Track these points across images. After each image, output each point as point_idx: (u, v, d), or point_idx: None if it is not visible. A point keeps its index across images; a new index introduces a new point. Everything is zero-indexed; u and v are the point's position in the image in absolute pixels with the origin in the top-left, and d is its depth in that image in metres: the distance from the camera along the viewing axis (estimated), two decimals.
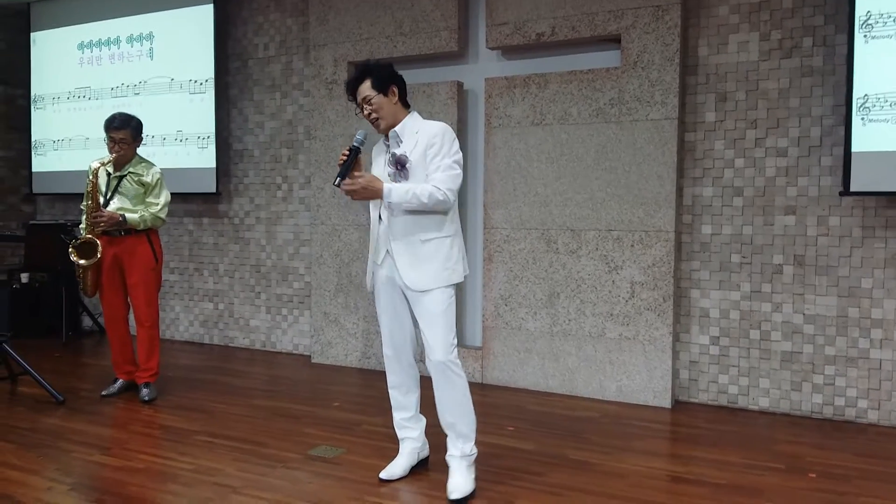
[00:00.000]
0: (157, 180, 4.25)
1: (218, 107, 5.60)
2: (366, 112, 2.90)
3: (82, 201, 4.27)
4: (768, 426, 3.88)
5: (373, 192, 2.79)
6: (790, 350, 4.03)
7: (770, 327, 4.07)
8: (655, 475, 3.17)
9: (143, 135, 4.31)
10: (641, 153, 4.17)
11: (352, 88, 2.93)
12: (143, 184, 4.20)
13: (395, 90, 2.91)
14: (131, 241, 4.20)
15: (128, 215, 4.15)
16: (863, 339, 3.87)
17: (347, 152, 2.76)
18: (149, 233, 4.25)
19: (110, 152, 4.17)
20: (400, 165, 2.86)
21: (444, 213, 2.89)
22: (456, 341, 2.93)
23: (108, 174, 4.24)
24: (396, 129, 2.91)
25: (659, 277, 4.16)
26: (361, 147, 2.79)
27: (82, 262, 4.15)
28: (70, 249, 4.16)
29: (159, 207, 4.25)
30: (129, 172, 4.21)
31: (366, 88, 2.88)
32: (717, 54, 4.12)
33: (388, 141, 2.96)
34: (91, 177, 4.14)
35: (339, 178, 2.74)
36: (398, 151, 2.88)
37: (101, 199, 4.19)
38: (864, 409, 3.88)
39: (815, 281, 3.96)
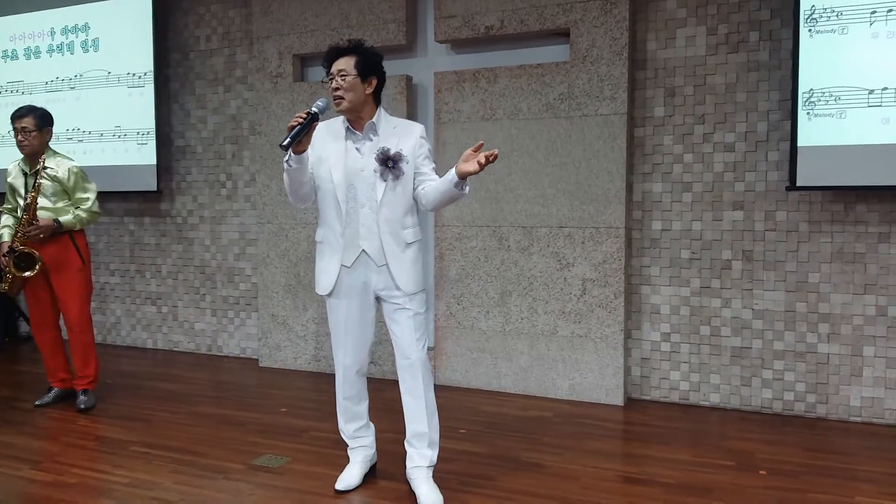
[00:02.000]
0: (74, 175, 4.00)
1: (158, 101, 5.39)
2: (334, 85, 2.71)
3: (3, 204, 4.05)
4: (719, 422, 3.88)
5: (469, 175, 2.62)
6: (740, 345, 4.04)
7: (720, 323, 4.07)
8: (608, 476, 3.13)
9: (51, 125, 4.07)
10: (591, 149, 4.12)
11: (333, 56, 2.75)
12: (57, 180, 3.97)
13: (374, 82, 2.77)
14: (53, 243, 3.97)
15: (61, 218, 3.95)
16: (810, 333, 3.90)
17: (304, 116, 2.56)
18: (71, 232, 4.03)
19: (17, 145, 3.97)
20: (393, 163, 2.73)
21: (415, 216, 2.87)
22: None
23: (25, 173, 4.03)
24: (374, 120, 2.78)
25: (610, 274, 4.13)
26: (320, 116, 2.62)
27: (26, 274, 3.93)
28: (8, 263, 3.94)
29: (90, 202, 4.04)
30: (44, 168, 3.98)
31: (347, 63, 2.71)
32: (664, 49, 4.09)
33: (354, 129, 2.79)
34: (27, 186, 3.93)
35: (288, 140, 2.52)
36: (390, 148, 2.74)
37: (20, 201, 3.99)
38: (813, 403, 3.91)
39: (763, 276, 3.97)
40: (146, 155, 5.42)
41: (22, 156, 4.06)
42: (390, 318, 2.86)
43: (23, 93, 5.91)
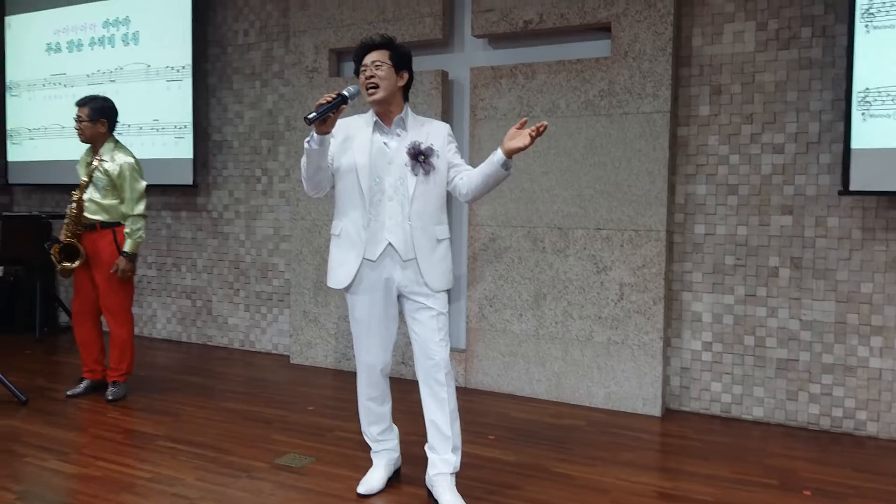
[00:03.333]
0: (122, 172, 4.00)
1: (196, 95, 5.40)
2: (367, 74, 2.69)
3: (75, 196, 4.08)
4: (762, 438, 3.69)
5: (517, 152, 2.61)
6: (786, 357, 3.84)
7: (765, 333, 3.88)
8: (640, 491, 2.99)
9: (108, 118, 4.07)
10: (632, 148, 3.97)
11: (367, 48, 2.74)
12: (107, 173, 3.99)
13: (405, 76, 2.77)
14: (95, 235, 4.01)
15: (126, 249, 3.99)
16: (862, 346, 3.69)
17: (333, 97, 2.55)
18: (114, 227, 4.04)
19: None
20: (425, 157, 2.70)
21: (445, 212, 2.82)
22: None
23: (87, 163, 4.07)
24: (402, 115, 2.76)
25: (649, 279, 3.97)
26: (350, 99, 2.60)
27: (68, 264, 3.98)
28: (53, 254, 3.98)
29: (133, 206, 4.03)
30: (98, 159, 4.00)
31: (382, 55, 2.71)
32: (711, 45, 3.92)
33: (382, 122, 2.76)
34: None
35: (314, 114, 2.50)
36: (421, 142, 2.72)
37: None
38: (863, 420, 3.70)
39: (812, 285, 3.78)
40: (184, 149, 5.43)
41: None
42: (412, 317, 2.78)
43: (65, 85, 5.99)
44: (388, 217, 2.71)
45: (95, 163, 3.99)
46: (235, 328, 5.57)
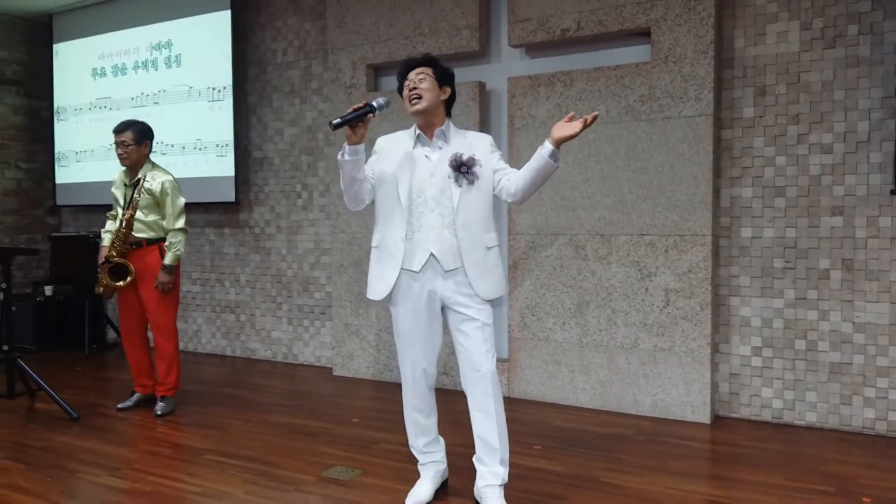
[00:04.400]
0: (164, 189, 4.11)
1: (237, 114, 5.49)
2: (411, 86, 2.73)
3: (120, 215, 4.19)
4: (816, 443, 3.60)
5: (568, 140, 2.61)
6: (839, 361, 3.74)
7: (817, 337, 3.79)
8: (693, 500, 2.93)
9: (150, 139, 4.20)
10: (674, 152, 3.92)
11: (411, 65, 2.79)
12: (150, 192, 4.09)
13: (448, 91, 2.81)
14: (141, 252, 4.10)
15: (167, 262, 4.08)
16: None
17: (361, 106, 2.59)
18: (160, 242, 4.13)
19: (118, 158, 4.13)
20: (467, 168, 2.71)
21: (492, 220, 2.84)
22: None
23: (125, 184, 4.16)
24: (442, 128, 2.78)
25: (695, 284, 3.91)
26: (378, 111, 2.64)
27: (119, 284, 4.07)
28: (103, 272, 4.07)
29: (175, 221, 4.13)
30: (139, 179, 4.11)
31: (426, 70, 2.77)
32: (754, 46, 3.86)
33: (425, 136, 2.78)
34: (126, 197, 4.12)
35: (339, 120, 2.54)
36: (462, 153, 2.73)
37: (120, 211, 4.13)
38: None
39: (864, 287, 3.68)
40: (225, 167, 5.52)
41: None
42: (457, 328, 2.76)
43: (110, 108, 6.14)
44: (430, 228, 2.71)
45: (145, 184, 4.09)
46: (278, 341, 5.62)
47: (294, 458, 3.45)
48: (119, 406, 4.29)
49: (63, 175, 6.51)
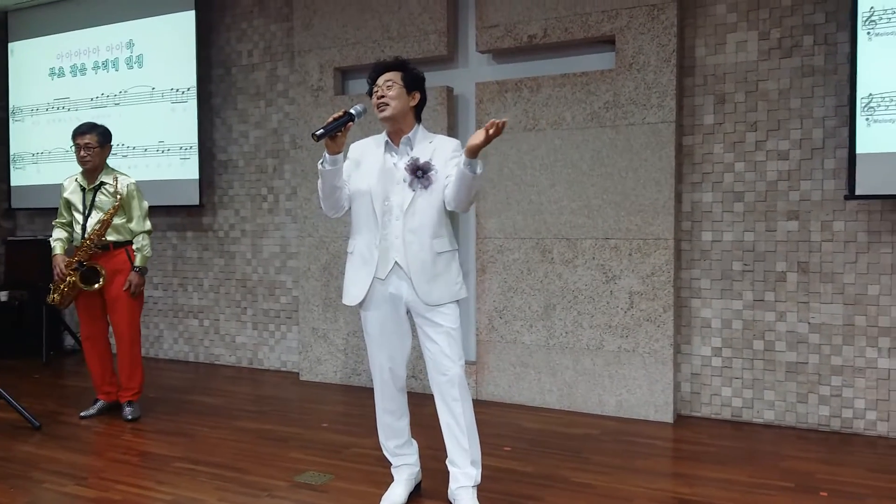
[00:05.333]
0: (130, 192, 4.09)
1: (201, 116, 5.43)
2: (379, 93, 2.74)
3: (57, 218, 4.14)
4: (774, 440, 3.72)
5: (481, 149, 2.57)
6: (795, 360, 3.88)
7: (774, 337, 3.92)
8: (661, 498, 3.01)
9: (111, 143, 4.17)
10: (638, 158, 4.02)
11: (381, 69, 2.80)
12: (114, 195, 4.04)
13: (417, 97, 2.81)
14: (108, 255, 4.04)
15: (137, 264, 4.07)
16: (870, 348, 3.73)
17: (340, 115, 2.62)
18: (126, 245, 4.09)
19: (78, 161, 4.06)
20: (422, 172, 2.72)
21: (447, 225, 2.81)
22: None
23: (83, 188, 4.10)
24: (410, 134, 2.79)
25: (658, 287, 4.01)
26: (356, 118, 2.66)
27: (83, 286, 4.01)
28: (76, 277, 4.00)
29: (143, 223, 4.13)
30: (102, 184, 4.06)
31: (394, 76, 2.76)
32: (714, 54, 3.98)
33: (392, 142, 2.81)
34: (84, 201, 4.07)
35: (321, 131, 2.57)
36: (420, 158, 2.73)
37: (80, 217, 4.07)
38: (873, 420, 3.73)
39: (819, 288, 3.82)
40: (189, 169, 5.46)
41: (79, 171, 4.14)
42: (423, 333, 2.80)
43: (69, 109, 6.02)
44: (396, 236, 2.75)
45: (101, 189, 4.05)
46: (243, 346, 5.58)
47: (265, 464, 3.44)
48: (82, 414, 4.21)
49: (18, 177, 6.35)
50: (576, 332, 4.22)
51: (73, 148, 4.07)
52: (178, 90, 5.47)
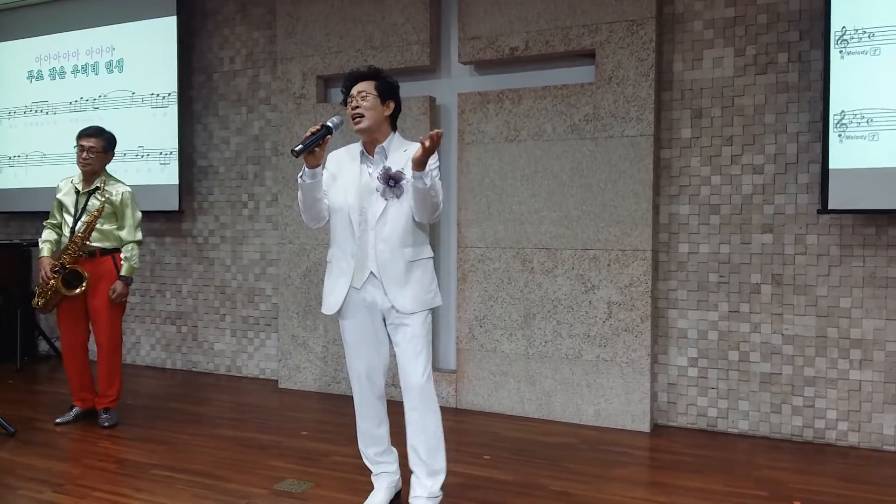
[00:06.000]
0: (124, 200, 4.08)
1: (181, 122, 5.42)
2: (353, 104, 2.76)
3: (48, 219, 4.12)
4: (749, 450, 3.79)
5: (426, 161, 2.59)
6: (769, 371, 3.95)
7: (749, 348, 3.99)
8: None
9: (114, 150, 4.17)
10: (617, 170, 4.08)
11: (354, 79, 2.80)
12: (111, 203, 4.02)
13: (392, 106, 2.82)
14: (94, 262, 4.02)
15: (123, 273, 4.04)
16: (842, 359, 3.81)
17: (317, 129, 2.63)
18: (114, 253, 4.06)
19: (79, 163, 4.03)
20: (394, 181, 2.73)
21: (423, 232, 2.84)
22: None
23: (77, 191, 4.07)
24: (384, 144, 2.80)
25: (636, 297, 4.07)
26: (334, 131, 2.68)
27: (76, 291, 3.97)
28: (57, 280, 3.96)
29: (134, 233, 4.10)
30: (97, 188, 4.03)
31: (368, 86, 2.77)
32: (691, 70, 4.06)
33: (367, 152, 2.82)
34: (77, 204, 4.04)
35: (300, 146, 2.58)
36: (392, 167, 2.74)
37: (70, 219, 4.04)
38: (845, 431, 3.81)
39: (793, 300, 3.90)
40: (169, 175, 5.44)
41: (76, 174, 4.12)
42: (392, 338, 2.84)
43: (47, 112, 5.97)
44: (370, 246, 2.77)
45: (97, 194, 4.04)
46: (221, 353, 5.55)
47: (244, 472, 3.43)
48: (58, 421, 4.16)
49: None
50: (555, 341, 4.27)
51: (76, 149, 4.03)
52: (158, 95, 5.45)
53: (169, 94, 5.40)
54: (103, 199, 4.01)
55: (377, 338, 2.86)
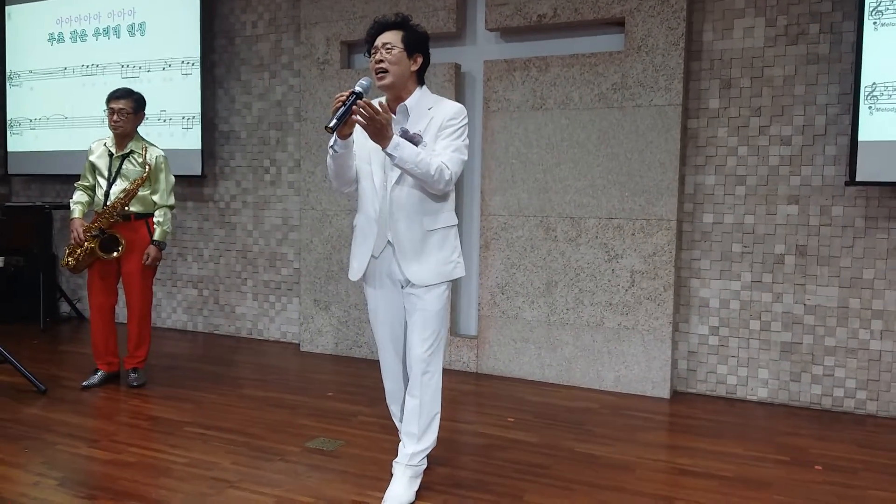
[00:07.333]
0: (158, 165, 4.09)
1: (203, 86, 5.42)
2: (377, 57, 2.54)
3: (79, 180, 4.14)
4: (767, 417, 3.85)
5: (382, 134, 2.43)
6: (790, 340, 4.00)
7: (770, 318, 4.04)
8: (662, 468, 3.12)
9: (144, 111, 4.15)
10: (644, 140, 4.09)
11: (379, 29, 2.59)
12: (144, 166, 4.04)
13: (419, 60, 2.62)
14: (128, 225, 4.06)
15: (156, 238, 4.08)
16: (863, 329, 3.85)
17: (346, 96, 2.42)
18: (147, 217, 4.10)
19: (110, 126, 4.04)
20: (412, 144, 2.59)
21: (445, 199, 2.68)
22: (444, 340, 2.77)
23: (111, 154, 4.09)
24: (407, 102, 2.61)
25: (659, 266, 4.10)
26: (363, 95, 2.44)
27: (102, 255, 4.01)
28: (92, 240, 3.99)
29: (167, 198, 4.13)
30: (132, 152, 4.05)
31: (394, 37, 2.55)
32: (721, 39, 4.05)
33: (391, 111, 2.61)
34: (111, 167, 4.04)
35: (334, 121, 2.39)
36: (410, 129, 2.59)
37: (104, 182, 4.05)
38: (863, 400, 3.87)
39: (816, 271, 3.93)
40: (191, 139, 5.45)
41: (108, 136, 4.13)
42: (406, 307, 2.75)
43: (68, 76, 5.96)
44: (388, 212, 2.65)
45: (130, 156, 4.06)
46: (243, 317, 5.62)
47: (274, 430, 3.50)
48: (84, 384, 4.16)
49: (15, 143, 6.29)
50: (577, 308, 4.31)
51: (106, 112, 4.04)
52: (181, 60, 5.44)
53: (191, 59, 5.40)
54: (145, 169, 4.02)
55: (399, 306, 2.78)
